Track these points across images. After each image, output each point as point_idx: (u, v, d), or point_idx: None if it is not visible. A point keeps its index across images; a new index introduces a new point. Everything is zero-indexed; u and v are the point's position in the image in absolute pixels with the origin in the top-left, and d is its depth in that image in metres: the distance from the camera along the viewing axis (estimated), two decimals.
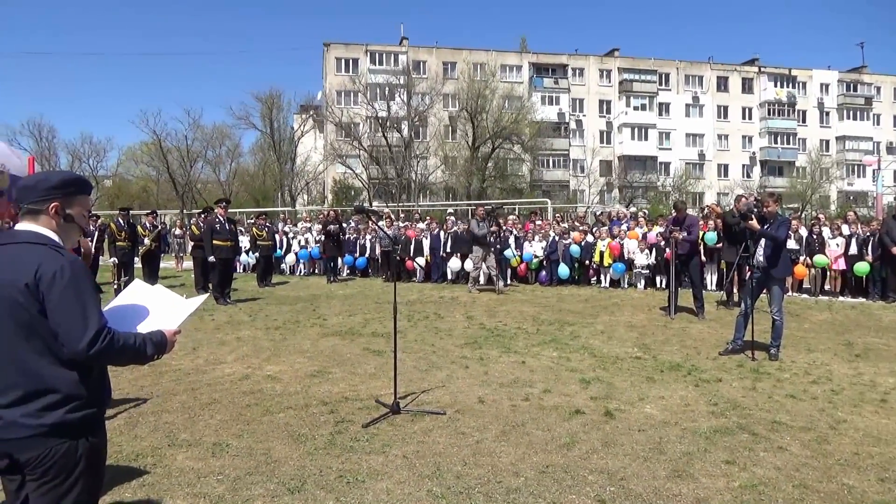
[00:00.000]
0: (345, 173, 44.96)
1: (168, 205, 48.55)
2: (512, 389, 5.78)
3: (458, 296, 12.66)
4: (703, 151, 54.74)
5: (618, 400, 5.46)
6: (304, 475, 3.83)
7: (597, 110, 53.67)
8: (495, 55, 51.13)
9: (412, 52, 50.34)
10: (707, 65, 55.84)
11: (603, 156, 52.14)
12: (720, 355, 7.30)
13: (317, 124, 51.39)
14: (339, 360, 6.95)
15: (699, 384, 6.03)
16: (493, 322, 9.57)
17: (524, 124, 44.45)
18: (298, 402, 5.33)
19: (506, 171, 46.05)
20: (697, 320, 9.79)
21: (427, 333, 8.60)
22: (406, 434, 4.54)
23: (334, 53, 49.86)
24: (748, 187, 48.81)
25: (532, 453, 4.20)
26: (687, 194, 48.20)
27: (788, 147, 55.33)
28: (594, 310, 10.87)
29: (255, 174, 55.73)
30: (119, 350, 2.09)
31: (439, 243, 15.36)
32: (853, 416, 5.07)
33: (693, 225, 10.32)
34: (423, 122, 46.51)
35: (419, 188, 43.99)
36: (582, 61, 53.96)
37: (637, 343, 8.07)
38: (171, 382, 5.98)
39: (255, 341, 8.06)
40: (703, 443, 4.43)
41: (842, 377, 6.35)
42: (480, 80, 45.40)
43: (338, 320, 9.73)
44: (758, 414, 5.09)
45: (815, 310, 10.90)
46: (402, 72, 46.43)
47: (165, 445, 4.34)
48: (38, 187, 2.16)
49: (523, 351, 7.51)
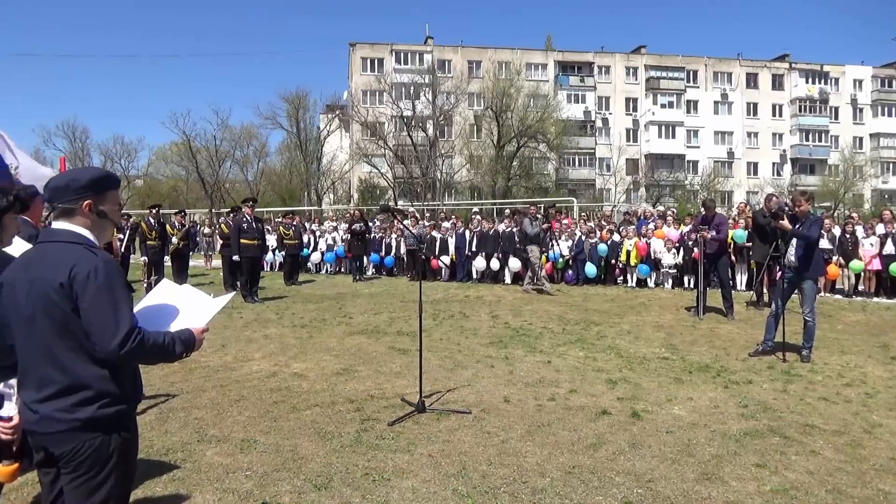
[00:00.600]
0: (370, 172, 45.19)
1: (197, 204, 49.35)
2: (538, 389, 5.75)
3: (483, 295, 12.64)
4: (731, 149, 53.83)
5: (645, 401, 5.40)
6: (330, 472, 3.86)
7: (623, 108, 53.13)
8: (520, 54, 50.92)
9: (437, 51, 50.35)
10: (736, 61, 54.90)
11: (629, 154, 51.58)
12: (750, 356, 7.18)
13: (343, 124, 51.68)
14: (365, 359, 6.99)
15: (728, 386, 5.93)
16: (518, 321, 9.54)
17: (549, 123, 44.21)
18: (325, 400, 5.37)
19: (531, 169, 45.86)
20: (726, 321, 9.64)
21: (452, 332, 8.61)
22: (431, 433, 4.55)
23: (360, 53, 50.10)
24: (778, 186, 47.96)
25: (558, 454, 4.17)
26: (715, 193, 47.46)
27: (820, 145, 54.10)
28: (621, 309, 10.77)
29: (282, 174, 56.28)
30: (149, 349, 2.13)
31: (464, 242, 15.34)
32: (889, 420, 4.94)
33: (722, 224, 10.15)
34: (448, 122, 46.53)
35: (444, 187, 44.01)
36: (608, 59, 53.45)
37: (664, 343, 7.98)
38: (200, 379, 6.07)
39: (282, 339, 8.14)
40: (732, 445, 4.36)
41: (877, 380, 6.20)
42: (505, 79, 45.29)
43: (363, 319, 9.78)
44: (789, 417, 5.00)
45: (849, 311, 10.66)
46: (427, 71, 46.48)
47: (195, 441, 4.40)
48: (71, 187, 2.20)
49: (549, 350, 7.47)
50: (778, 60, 55.50)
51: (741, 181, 53.28)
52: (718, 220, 10.10)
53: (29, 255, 2.22)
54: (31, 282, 2.09)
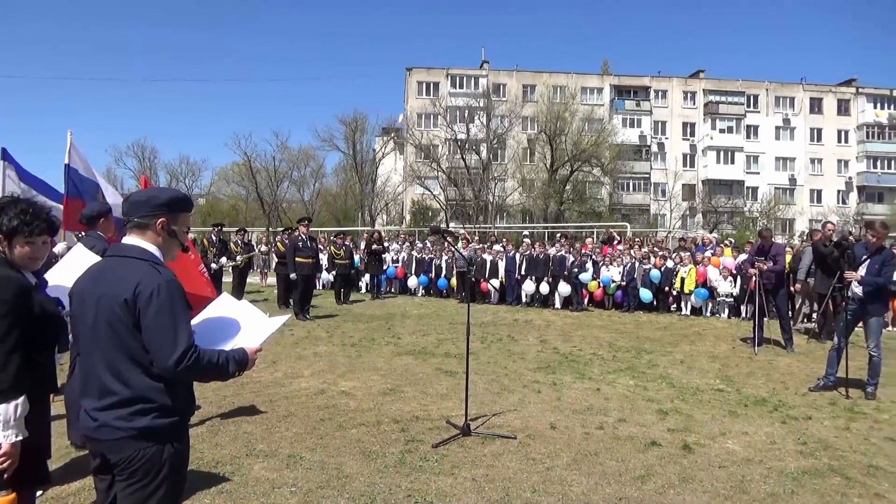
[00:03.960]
0: (423, 194, 45.64)
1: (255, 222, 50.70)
2: (585, 417, 5.65)
3: (533, 319, 12.53)
4: (793, 176, 52.06)
5: (697, 433, 5.24)
6: (373, 492, 3.88)
7: (680, 133, 52.22)
8: (576, 78, 50.82)
9: (492, 75, 50.76)
10: (799, 86, 53.34)
11: (685, 179, 50.53)
12: (810, 391, 6.88)
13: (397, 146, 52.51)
14: (412, 379, 7.02)
15: (787, 421, 5.69)
16: (567, 347, 9.41)
17: (604, 147, 43.85)
18: (371, 419, 5.41)
19: (584, 193, 45.42)
20: (785, 353, 9.27)
21: (500, 356, 8.56)
22: (475, 456, 4.52)
23: (416, 77, 50.95)
24: (844, 214, 46.08)
25: (605, 484, 4.09)
26: (776, 220, 46.01)
27: (889, 172, 51.78)
28: (674, 338, 10.51)
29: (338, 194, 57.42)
30: (203, 368, 2.21)
31: (514, 265, 15.28)
32: None
33: (779, 254, 9.81)
34: (501, 145, 46.72)
35: (496, 210, 44.04)
36: (665, 83, 52.78)
37: (719, 374, 7.73)
38: (251, 394, 6.21)
39: (331, 357, 8.26)
40: (790, 484, 4.17)
41: None
42: (560, 103, 45.22)
43: (412, 339, 9.83)
44: (852, 456, 4.76)
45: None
46: (481, 94, 46.91)
47: (243, 455, 4.50)
48: (150, 203, 2.33)
49: (598, 378, 7.33)
50: (844, 85, 53.67)
51: (804, 209, 51.36)
52: (776, 251, 9.77)
53: (97, 269, 2.35)
54: (98, 295, 2.21)
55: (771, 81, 53.20)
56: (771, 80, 53.25)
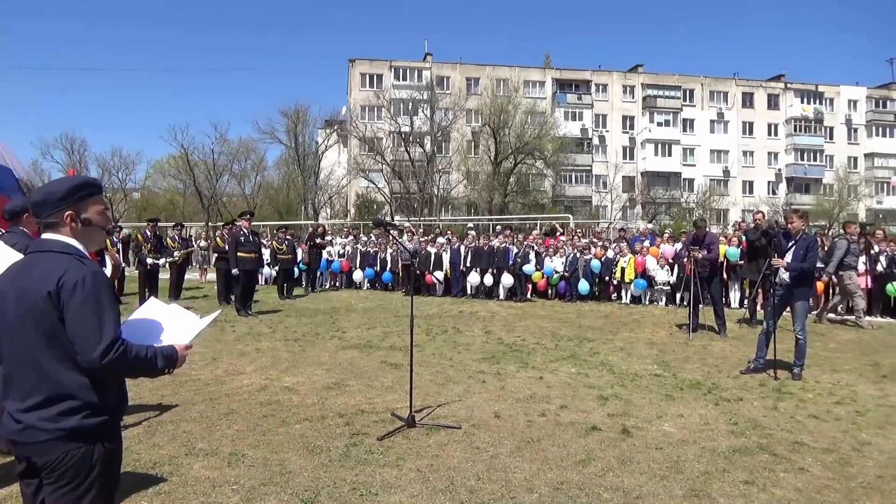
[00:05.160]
0: (367, 188, 45.31)
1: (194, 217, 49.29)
2: (528, 405, 5.75)
3: (477, 310, 12.64)
4: (727, 168, 54.14)
5: (635, 417, 5.40)
6: (317, 486, 3.85)
7: (620, 126, 53.46)
8: (518, 71, 51.31)
9: (436, 67, 50.72)
10: (732, 81, 55.40)
11: (625, 171, 51.83)
12: (741, 374, 7.18)
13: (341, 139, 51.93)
14: (357, 373, 6.98)
15: (719, 403, 5.94)
16: (511, 337, 9.54)
17: (547, 140, 44.49)
18: (315, 414, 5.36)
19: (528, 186, 45.98)
20: (719, 338, 9.66)
21: (445, 347, 8.60)
22: (421, 448, 4.54)
23: (359, 69, 50.43)
24: (773, 204, 48.19)
25: (547, 469, 4.17)
26: (711, 211, 47.72)
27: (815, 164, 54.50)
28: (614, 326, 10.78)
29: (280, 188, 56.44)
30: (131, 361, 2.13)
31: (459, 258, 15.37)
32: (878, 439, 4.95)
33: (713, 243, 10.20)
34: (445, 137, 46.81)
35: (441, 203, 44.15)
36: (605, 77, 53.88)
37: (657, 360, 7.98)
38: (190, 392, 6.05)
39: (274, 353, 8.13)
40: (721, 462, 4.36)
41: (867, 398, 6.21)
42: (503, 96, 45.61)
43: (356, 333, 9.77)
44: (779, 434, 5.00)
45: (841, 329, 10.69)
46: (425, 87, 46.83)
47: (183, 454, 4.38)
48: (48, 200, 2.20)
49: (541, 366, 7.46)
50: (774, 80, 56.00)
51: (737, 200, 53.51)
52: (710, 240, 10.16)
53: (19, 266, 2.23)
54: (20, 291, 2.11)
55: (706, 76, 55.04)
56: (706, 76, 55.09)
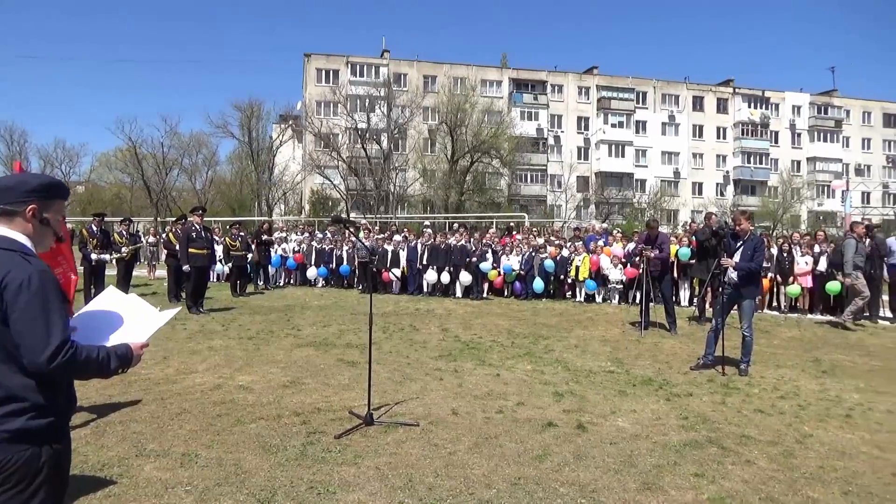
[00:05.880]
0: (323, 184, 44.85)
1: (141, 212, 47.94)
2: (486, 402, 5.79)
3: (434, 308, 12.66)
4: (678, 169, 55.57)
5: (590, 413, 5.50)
6: (274, 486, 3.79)
7: (575, 126, 54.28)
8: (476, 70, 51.55)
9: (393, 64, 50.52)
10: (683, 84, 56.86)
11: (580, 171, 52.69)
12: (691, 370, 7.39)
13: (296, 134, 51.29)
14: (313, 371, 6.91)
15: (670, 398, 6.09)
16: (468, 335, 9.58)
17: (503, 139, 44.80)
18: (270, 413, 5.28)
19: (484, 184, 46.26)
20: (669, 335, 9.90)
21: (402, 345, 8.59)
22: (379, 445, 4.52)
23: (315, 64, 49.86)
24: (721, 205, 49.65)
25: (504, 465, 4.21)
26: (662, 211, 48.90)
27: (761, 167, 56.49)
28: (569, 324, 10.95)
29: (232, 183, 55.37)
30: (81, 364, 2.05)
31: (416, 255, 15.35)
32: (819, 431, 5.17)
33: (665, 243, 10.45)
34: (402, 135, 46.69)
35: (397, 200, 44.02)
36: (561, 78, 54.60)
37: (610, 357, 8.14)
38: (140, 392, 5.88)
39: (227, 351, 7.97)
40: (673, 456, 4.48)
41: (809, 393, 6.47)
42: (460, 94, 45.72)
43: (312, 331, 9.67)
44: (727, 428, 5.17)
45: (785, 327, 11.09)
46: (382, 84, 46.55)
47: (133, 455, 4.26)
48: (18, 189, 2.12)
49: (498, 364, 7.52)
50: (723, 85, 57.75)
51: (686, 200, 54.99)
52: (661, 240, 10.39)
53: None
54: None
55: (658, 79, 56.34)
56: (658, 79, 56.39)
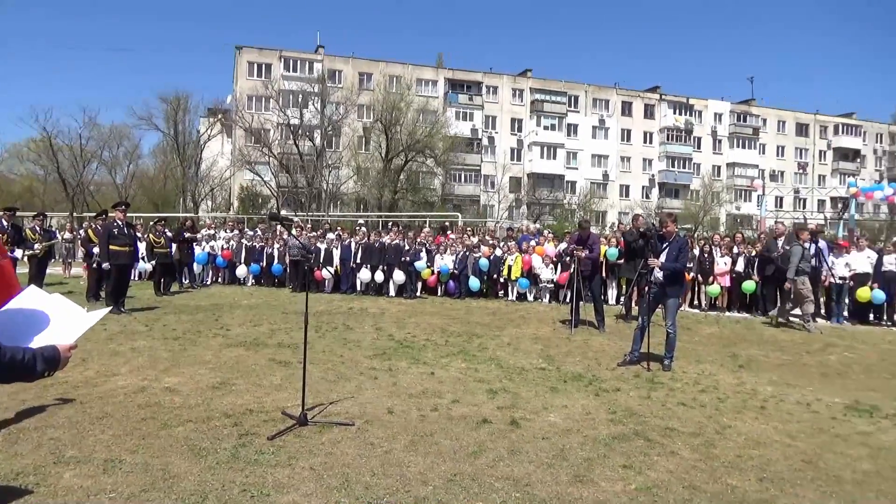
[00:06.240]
0: (253, 180, 43.76)
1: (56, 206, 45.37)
2: (421, 400, 5.81)
3: (368, 306, 12.58)
4: (607, 172, 57.37)
5: (523, 409, 5.61)
6: (204, 490, 3.68)
7: (508, 128, 55.12)
8: (412, 69, 51.55)
9: (328, 60, 49.89)
10: (613, 90, 58.70)
11: (513, 172, 53.54)
12: (618, 366, 7.64)
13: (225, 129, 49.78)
14: (244, 372, 6.74)
15: (599, 394, 6.29)
16: (402, 334, 9.58)
17: (438, 138, 44.91)
18: (199, 415, 5.12)
19: (418, 184, 46.26)
20: (598, 333, 10.19)
21: (335, 344, 8.50)
22: (313, 446, 4.47)
23: (246, 57, 48.64)
24: (647, 208, 51.55)
25: (440, 462, 4.24)
26: (591, 212, 50.24)
27: (684, 171, 59.04)
28: (501, 322, 11.10)
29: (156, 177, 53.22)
30: (5, 367, 1.94)
31: (350, 254, 15.21)
32: (736, 422, 5.45)
33: (595, 243, 10.76)
34: (336, 132, 46.09)
35: (330, 198, 43.45)
36: (496, 80, 55.32)
37: (542, 355, 8.32)
38: (57, 395, 5.58)
39: (151, 352, 7.67)
40: (602, 449, 4.62)
41: (727, 386, 6.81)
42: (396, 93, 45.56)
43: (242, 330, 9.43)
44: (652, 421, 5.38)
45: (705, 324, 11.62)
46: (316, 80, 45.80)
47: (50, 463, 4.04)
48: None
49: (432, 362, 7.56)
50: (650, 91, 59.96)
51: (614, 202, 56.85)
52: (592, 240, 10.70)
53: None
54: None
55: (589, 84, 57.98)
56: (589, 83, 58.02)
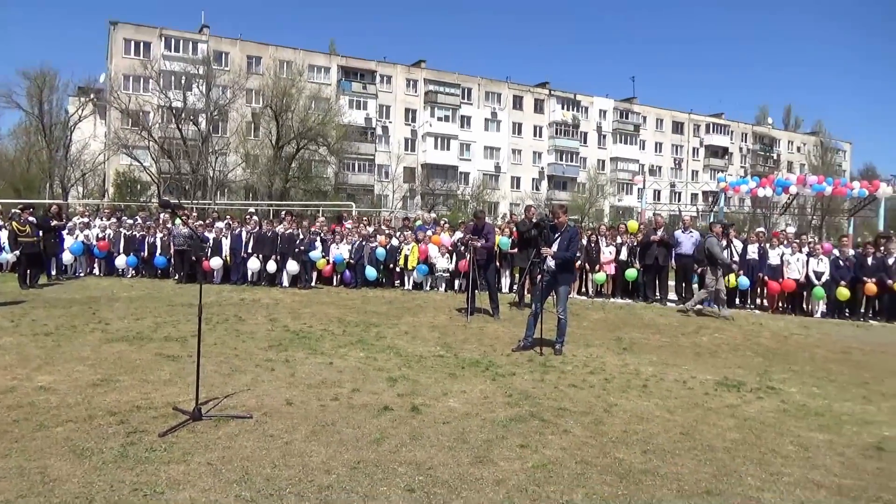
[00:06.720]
0: (130, 165, 40.99)
1: None
2: (320, 390, 5.75)
3: (260, 298, 12.21)
4: (498, 164, 58.82)
5: (423, 396, 5.69)
6: (91, 492, 3.46)
7: (403, 118, 55.14)
8: (303, 54, 50.28)
9: (213, 41, 47.62)
10: (505, 84, 60.18)
11: (407, 163, 53.63)
12: (513, 352, 7.91)
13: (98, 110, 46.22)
14: (128, 368, 6.36)
15: (496, 378, 6.49)
16: (297, 324, 9.40)
17: (331, 126, 44.07)
18: (80, 415, 4.79)
19: (310, 172, 45.30)
20: (493, 320, 10.48)
21: (227, 337, 8.20)
22: (209, 440, 4.31)
23: (122, 34, 45.45)
24: (537, 199, 53.37)
25: (343, 451, 4.23)
26: (484, 203, 51.34)
27: (571, 164, 61.73)
28: (398, 311, 11.15)
29: (17, 160, 48.69)
30: None
31: (240, 243, 14.67)
32: (622, 401, 5.82)
33: (490, 233, 11.03)
34: (223, 117, 44.05)
35: (217, 186, 41.60)
36: (390, 69, 55.09)
37: (439, 342, 8.45)
38: None
39: (20, 349, 7.06)
40: (500, 430, 4.79)
41: (613, 367, 7.24)
42: (287, 79, 44.21)
43: (123, 325, 8.87)
44: (546, 402, 5.63)
45: (592, 310, 12.24)
46: (201, 61, 43.48)
47: None
48: None
49: (330, 352, 7.48)
50: (540, 87, 62.02)
51: (506, 193, 58.48)
52: (487, 230, 10.96)
53: None
54: None
55: (482, 77, 59.10)
56: (482, 77, 59.15)
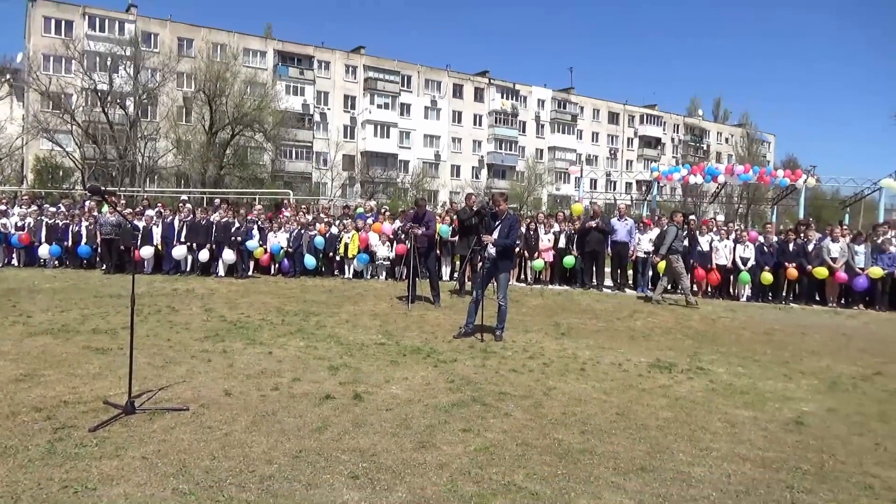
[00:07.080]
0: (52, 150, 38.93)
1: None
2: (260, 380, 5.65)
3: (194, 287, 11.87)
4: (438, 152, 58.84)
5: (365, 383, 5.67)
6: (16, 491, 3.30)
7: (342, 105, 54.43)
8: (237, 38, 48.82)
9: (141, 22, 45.69)
10: (445, 72, 60.13)
11: (346, 150, 52.99)
12: (454, 338, 7.96)
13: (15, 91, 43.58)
14: (53, 361, 6.08)
15: (438, 365, 6.53)
16: (234, 314, 9.19)
17: (267, 112, 42.93)
18: (2, 412, 4.55)
19: (246, 159, 44.09)
20: (434, 308, 10.53)
21: (160, 328, 7.94)
22: (144, 434, 4.18)
23: (42, 11, 43.05)
24: (477, 187, 53.74)
25: (285, 440, 4.17)
26: (423, 191, 51.32)
27: (511, 153, 62.39)
28: (339, 300, 11.05)
29: None
30: None
31: (173, 232, 14.20)
32: (561, 384, 5.96)
33: (431, 220, 11.05)
34: (152, 101, 42.35)
35: (146, 172, 40.02)
36: (328, 55, 54.20)
37: (380, 330, 8.43)
38: None
39: None
40: (443, 416, 4.83)
41: (551, 352, 7.40)
42: (220, 62, 42.75)
43: (47, 317, 8.45)
44: (487, 387, 5.71)
45: (531, 296, 12.46)
46: (128, 42, 41.60)
47: None
48: None
49: (269, 342, 7.36)
50: (480, 75, 62.31)
51: (446, 182, 58.61)
52: (428, 218, 10.98)
53: None
54: None
55: (422, 65, 58.84)
56: (422, 64, 58.87)
